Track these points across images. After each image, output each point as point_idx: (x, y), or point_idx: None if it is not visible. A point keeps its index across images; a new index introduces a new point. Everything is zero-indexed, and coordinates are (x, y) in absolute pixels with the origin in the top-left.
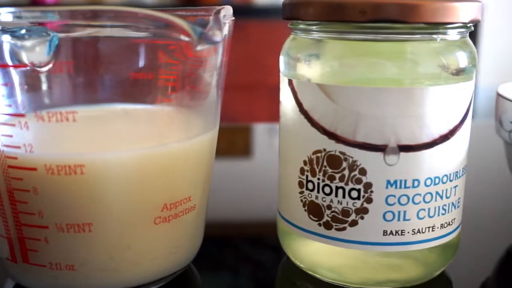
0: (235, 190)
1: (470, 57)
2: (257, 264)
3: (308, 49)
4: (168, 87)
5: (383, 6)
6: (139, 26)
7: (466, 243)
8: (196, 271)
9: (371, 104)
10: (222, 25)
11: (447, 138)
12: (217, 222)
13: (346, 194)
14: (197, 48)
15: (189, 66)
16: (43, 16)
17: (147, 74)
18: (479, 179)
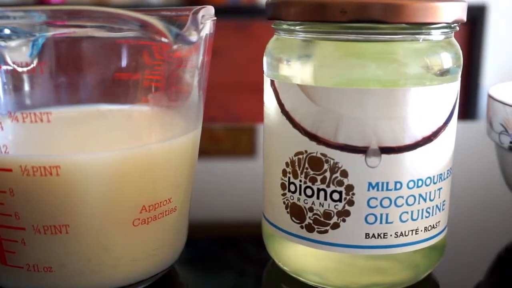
0: (239, 190)
1: (454, 57)
2: (244, 266)
3: (290, 50)
4: (148, 88)
5: (364, 6)
6: (114, 26)
7: (456, 246)
8: (180, 273)
9: (352, 105)
10: (200, 25)
11: (430, 140)
12: (219, 222)
13: (327, 196)
14: (174, 49)
15: (169, 66)
16: (25, 15)
17: (126, 75)
18: (472, 181)
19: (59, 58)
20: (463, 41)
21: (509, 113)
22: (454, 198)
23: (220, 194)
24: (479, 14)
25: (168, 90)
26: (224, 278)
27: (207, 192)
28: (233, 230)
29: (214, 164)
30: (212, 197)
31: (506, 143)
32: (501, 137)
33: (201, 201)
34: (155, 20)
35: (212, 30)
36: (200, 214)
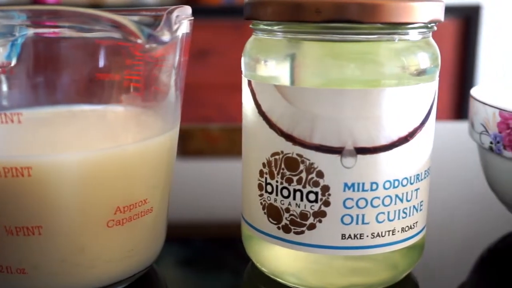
0: (236, 189)
1: (432, 57)
2: (224, 268)
3: (267, 50)
4: (123, 88)
5: (339, 6)
6: (85, 26)
7: (438, 247)
8: (159, 273)
9: (328, 105)
10: (173, 25)
11: (406, 141)
12: (206, 222)
13: (303, 197)
14: (146, 49)
15: (144, 66)
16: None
17: (100, 75)
18: (457, 181)
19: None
20: (458, 41)
21: (489, 113)
22: (438, 198)
23: (217, 193)
24: (474, 14)
25: (144, 90)
26: (204, 279)
27: (204, 191)
28: (216, 231)
29: (211, 164)
30: (209, 196)
31: (486, 143)
32: (482, 137)
33: (196, 200)
34: (127, 20)
35: (189, 30)
36: (190, 213)
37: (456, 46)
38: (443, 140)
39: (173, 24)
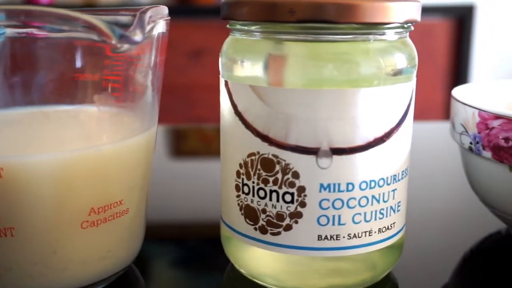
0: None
1: (408, 58)
2: (203, 269)
3: (243, 50)
4: (98, 88)
5: (313, 6)
6: (55, 26)
7: (421, 248)
8: (138, 274)
9: (303, 106)
10: (146, 25)
11: (382, 141)
12: (205, 222)
13: (280, 198)
14: (119, 49)
15: (118, 66)
16: None
17: (75, 75)
18: (440, 181)
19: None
20: (451, 41)
21: (469, 114)
22: (421, 198)
23: (211, 193)
24: (467, 14)
25: (119, 91)
26: (184, 280)
27: (199, 191)
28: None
29: (205, 164)
30: (204, 195)
31: (466, 143)
32: (462, 138)
33: (192, 200)
34: (98, 20)
35: (165, 30)
36: (184, 213)
37: (450, 46)
38: (432, 140)
39: (146, 24)
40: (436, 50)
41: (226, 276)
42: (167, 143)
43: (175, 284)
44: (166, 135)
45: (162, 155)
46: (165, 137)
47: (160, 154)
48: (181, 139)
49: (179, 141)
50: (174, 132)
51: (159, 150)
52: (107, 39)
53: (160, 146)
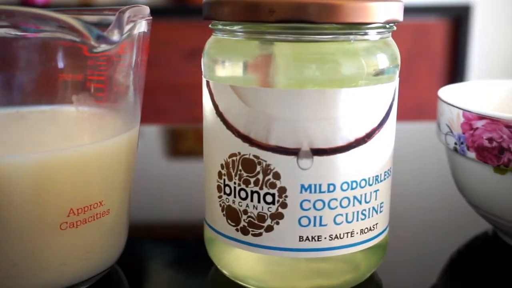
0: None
1: (390, 58)
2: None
3: (224, 50)
4: (78, 88)
5: (292, 5)
6: (30, 26)
7: (409, 249)
8: (122, 276)
9: (283, 107)
10: (124, 25)
11: (364, 142)
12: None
13: (261, 199)
14: (96, 49)
15: (98, 66)
16: None
17: (54, 75)
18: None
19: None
20: (448, 41)
21: (454, 114)
22: (408, 199)
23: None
24: (464, 14)
25: (100, 91)
26: (167, 282)
27: (195, 191)
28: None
29: (202, 164)
30: (200, 196)
31: (451, 144)
32: (447, 138)
33: (188, 199)
34: (74, 20)
35: (146, 30)
36: (179, 213)
37: (446, 46)
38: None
39: (124, 24)
40: (433, 50)
41: (209, 278)
42: (164, 143)
43: (159, 285)
44: (163, 135)
45: (159, 155)
46: (162, 137)
47: (157, 154)
48: (178, 139)
49: (176, 141)
50: (171, 132)
51: (157, 150)
52: (84, 39)
53: (157, 146)
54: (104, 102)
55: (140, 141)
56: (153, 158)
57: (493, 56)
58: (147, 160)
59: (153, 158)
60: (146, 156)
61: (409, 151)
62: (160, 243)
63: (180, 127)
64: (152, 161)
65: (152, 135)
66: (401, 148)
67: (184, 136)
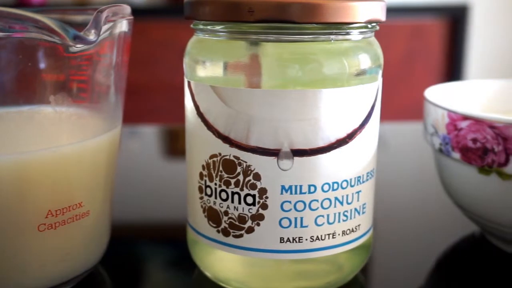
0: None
1: (373, 58)
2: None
3: (204, 50)
4: (58, 88)
5: (272, 5)
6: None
7: (395, 251)
8: (106, 277)
9: (263, 107)
10: (102, 25)
11: (345, 142)
12: (159, 224)
13: (241, 200)
14: (72, 49)
15: (77, 66)
16: None
17: (31, 75)
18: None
19: None
20: (445, 41)
21: (439, 115)
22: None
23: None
24: (462, 14)
25: (80, 91)
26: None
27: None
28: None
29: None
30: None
31: (437, 144)
32: (433, 139)
33: (174, 201)
34: (50, 21)
35: (127, 29)
36: (173, 214)
37: (443, 46)
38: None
39: (102, 24)
40: (430, 50)
41: (193, 280)
42: (160, 143)
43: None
44: (159, 135)
45: (155, 155)
46: (158, 137)
47: (153, 154)
48: (174, 139)
49: (172, 141)
50: (167, 132)
51: (153, 150)
52: (60, 39)
53: (153, 146)
54: (84, 102)
55: (136, 141)
56: (149, 158)
57: (490, 56)
58: (143, 160)
59: (148, 158)
60: (142, 156)
61: (402, 151)
62: (145, 244)
63: (177, 127)
64: (148, 161)
65: (149, 135)
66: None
67: (180, 136)
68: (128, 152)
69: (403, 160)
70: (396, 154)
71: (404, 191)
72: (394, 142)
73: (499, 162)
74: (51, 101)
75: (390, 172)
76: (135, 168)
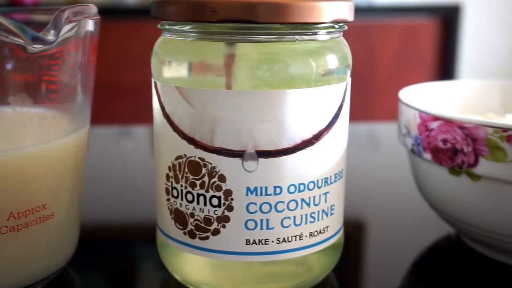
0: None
1: (340, 58)
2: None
3: (170, 51)
4: (19, 88)
5: (234, 5)
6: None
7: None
8: (75, 279)
9: (227, 108)
10: (62, 25)
11: (311, 143)
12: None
13: (207, 202)
14: (31, 50)
15: (41, 66)
16: None
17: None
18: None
19: None
20: (438, 41)
21: (411, 115)
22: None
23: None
24: (454, 14)
25: (43, 91)
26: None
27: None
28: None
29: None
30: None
31: (409, 145)
32: (406, 139)
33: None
34: (7, 21)
35: (93, 29)
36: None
37: (436, 46)
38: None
39: (62, 24)
40: (423, 50)
41: (163, 283)
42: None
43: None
44: (152, 135)
45: (148, 155)
46: (152, 137)
47: (146, 154)
48: None
49: None
50: None
51: (145, 151)
52: (18, 39)
53: (147, 146)
54: (49, 103)
55: (129, 142)
56: (142, 158)
57: (482, 56)
58: (136, 160)
59: (142, 158)
60: (136, 157)
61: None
62: (114, 245)
63: None
64: (141, 161)
65: (143, 135)
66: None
67: None
68: (122, 152)
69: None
70: (390, 154)
71: (378, 191)
72: (387, 142)
73: (469, 163)
74: (13, 102)
75: (382, 171)
76: (128, 168)
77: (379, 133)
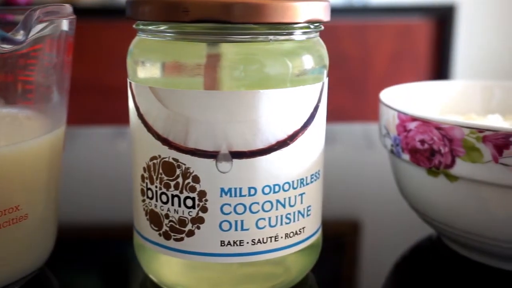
0: None
1: (316, 59)
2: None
3: (144, 51)
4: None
5: (206, 5)
6: None
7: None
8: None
9: (200, 108)
10: (32, 25)
11: (286, 144)
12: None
13: (181, 203)
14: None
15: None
16: None
17: None
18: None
19: None
20: (433, 41)
21: (390, 115)
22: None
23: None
24: (449, 14)
25: (18, 91)
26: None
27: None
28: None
29: None
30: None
31: (388, 145)
32: (385, 140)
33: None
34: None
35: (68, 29)
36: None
37: (431, 46)
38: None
39: (32, 24)
40: (417, 50)
41: (139, 285)
42: None
43: None
44: None
45: None
46: None
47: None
48: None
49: None
50: None
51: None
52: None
53: None
54: (24, 103)
55: (123, 143)
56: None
57: (477, 56)
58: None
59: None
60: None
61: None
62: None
63: None
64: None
65: None
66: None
67: None
68: (116, 152)
69: (362, 160)
70: (384, 155)
71: (357, 192)
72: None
73: (446, 164)
74: None
75: (377, 172)
76: (123, 168)
77: (374, 133)
